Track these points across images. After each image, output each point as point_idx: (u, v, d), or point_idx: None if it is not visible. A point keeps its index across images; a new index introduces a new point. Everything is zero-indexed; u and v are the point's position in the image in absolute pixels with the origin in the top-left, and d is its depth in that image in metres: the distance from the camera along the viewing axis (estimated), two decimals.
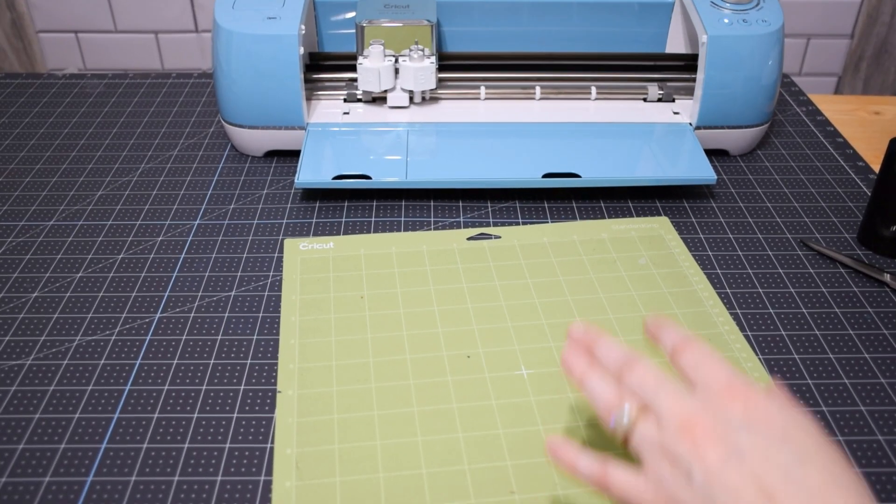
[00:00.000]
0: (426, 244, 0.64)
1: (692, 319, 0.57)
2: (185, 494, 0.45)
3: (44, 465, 0.47)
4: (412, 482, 0.46)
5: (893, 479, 0.47)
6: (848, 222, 0.69)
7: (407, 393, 0.51)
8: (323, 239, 0.65)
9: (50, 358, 0.54)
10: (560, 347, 0.54)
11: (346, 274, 0.61)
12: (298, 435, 0.48)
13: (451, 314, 0.58)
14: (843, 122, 0.87)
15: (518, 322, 0.57)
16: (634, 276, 0.61)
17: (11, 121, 0.83)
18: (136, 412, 0.50)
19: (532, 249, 0.64)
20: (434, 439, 0.48)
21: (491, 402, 0.51)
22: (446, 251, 0.64)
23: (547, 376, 0.52)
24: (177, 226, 0.68)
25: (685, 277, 0.61)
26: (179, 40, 1.06)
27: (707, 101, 0.74)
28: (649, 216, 0.69)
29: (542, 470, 0.46)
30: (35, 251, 0.64)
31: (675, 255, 0.63)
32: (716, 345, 0.55)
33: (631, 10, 0.82)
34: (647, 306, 0.58)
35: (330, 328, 0.56)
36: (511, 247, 0.64)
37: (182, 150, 0.79)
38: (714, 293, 0.60)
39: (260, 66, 0.71)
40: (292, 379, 0.52)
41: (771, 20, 0.74)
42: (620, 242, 0.65)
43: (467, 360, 0.54)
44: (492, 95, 0.80)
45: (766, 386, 0.37)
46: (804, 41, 1.07)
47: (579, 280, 0.61)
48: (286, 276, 0.61)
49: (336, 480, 0.46)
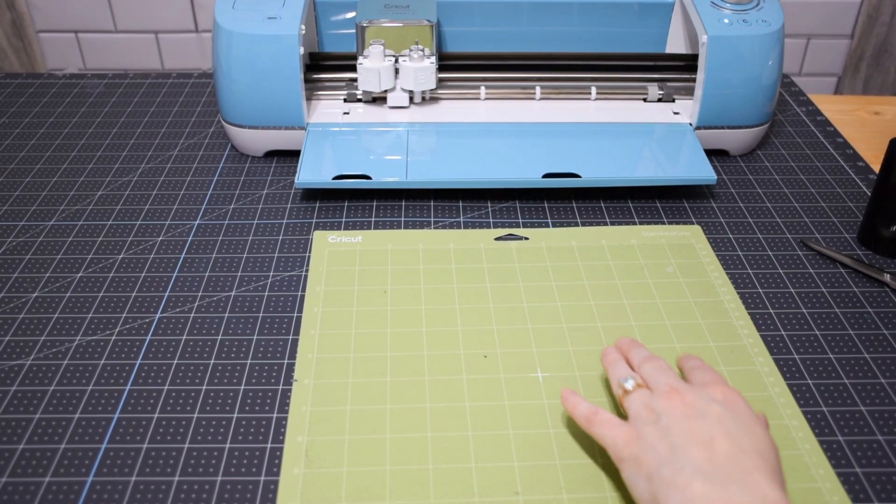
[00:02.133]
0: (454, 242, 0.65)
1: (715, 331, 0.56)
2: (185, 494, 0.45)
3: (44, 466, 0.47)
4: (418, 476, 0.46)
5: (893, 479, 0.47)
6: (848, 222, 0.69)
7: (421, 389, 0.51)
8: (352, 233, 0.66)
9: (50, 358, 0.54)
10: (578, 352, 0.55)
11: (372, 268, 0.62)
12: (311, 424, 0.49)
13: (472, 313, 0.58)
14: (843, 122, 0.87)
15: (538, 324, 0.57)
16: (660, 283, 0.61)
17: (11, 121, 0.83)
18: (136, 412, 0.50)
19: (559, 252, 0.64)
20: (443, 436, 0.48)
21: (503, 403, 0.51)
22: (473, 250, 0.64)
23: (562, 380, 0.52)
24: (177, 226, 0.68)
25: (713, 288, 0.60)
26: (179, 40, 1.06)
27: (707, 101, 0.74)
28: (675, 223, 0.68)
29: (549, 473, 0.46)
30: (35, 251, 0.64)
31: (705, 265, 0.63)
32: (738, 358, 0.54)
33: (631, 10, 0.82)
34: (670, 315, 0.58)
35: (351, 321, 0.57)
36: (538, 249, 0.64)
37: (182, 150, 0.79)
38: (741, 305, 0.59)
39: (260, 66, 0.71)
40: (310, 368, 0.53)
41: (771, 20, 0.74)
42: (649, 249, 0.64)
43: (484, 359, 0.54)
44: (492, 95, 0.80)
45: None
46: (804, 41, 1.07)
47: (604, 285, 0.61)
48: (312, 268, 0.62)
49: (343, 470, 0.46)
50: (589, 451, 0.47)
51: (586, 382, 0.52)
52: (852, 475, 0.47)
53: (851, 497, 0.45)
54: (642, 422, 0.43)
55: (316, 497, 0.45)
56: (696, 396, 0.43)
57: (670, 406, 0.43)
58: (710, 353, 0.55)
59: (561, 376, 0.53)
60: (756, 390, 0.52)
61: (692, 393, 0.43)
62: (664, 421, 0.42)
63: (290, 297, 0.60)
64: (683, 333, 0.56)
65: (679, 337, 0.56)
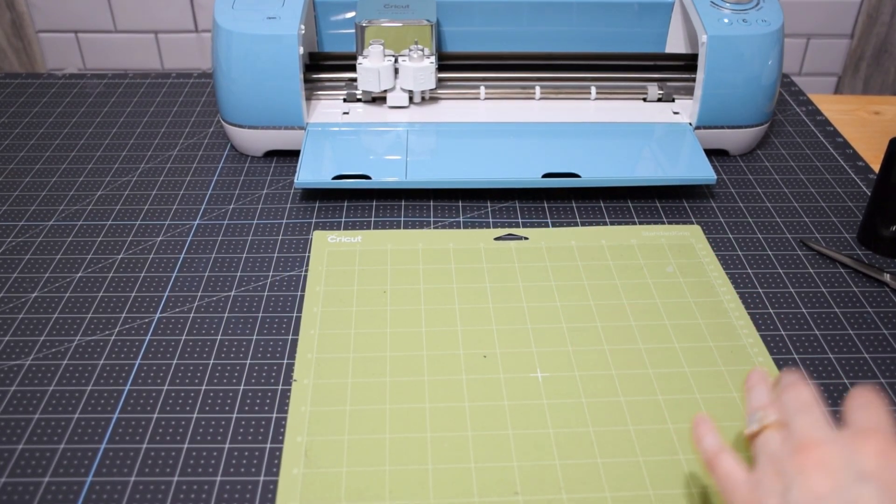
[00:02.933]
0: (453, 242, 0.65)
1: (716, 331, 0.56)
2: (185, 495, 0.45)
3: (43, 466, 0.47)
4: (417, 477, 0.46)
5: None
6: (848, 222, 0.69)
7: (420, 389, 0.51)
8: (351, 233, 0.66)
9: (50, 358, 0.54)
10: (578, 352, 0.54)
11: (372, 268, 0.62)
12: (310, 424, 0.49)
13: (472, 313, 0.58)
14: (843, 122, 0.87)
15: (538, 325, 0.57)
16: (660, 283, 0.61)
17: (11, 121, 0.83)
18: (136, 412, 0.50)
19: (559, 252, 0.64)
20: (443, 436, 0.48)
21: (503, 403, 0.51)
22: (473, 250, 0.64)
23: (561, 380, 0.52)
24: (177, 226, 0.68)
25: (712, 288, 0.60)
26: (179, 40, 1.06)
27: (707, 101, 0.74)
28: (675, 223, 0.68)
29: (548, 473, 0.46)
30: (35, 251, 0.64)
31: (704, 265, 0.63)
32: (738, 358, 0.54)
33: (631, 10, 0.82)
34: (670, 315, 0.58)
35: (350, 321, 0.57)
36: (538, 249, 0.64)
37: (182, 150, 0.79)
38: (741, 305, 0.59)
39: (260, 66, 0.71)
40: (309, 368, 0.53)
41: (771, 20, 0.74)
42: (649, 249, 0.64)
43: (483, 359, 0.54)
44: (492, 95, 0.80)
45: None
46: (804, 41, 1.07)
47: (604, 285, 0.61)
48: (312, 267, 0.62)
49: (343, 470, 0.46)
50: (588, 451, 0.47)
51: (585, 383, 0.52)
52: None
53: None
54: (766, 489, 0.35)
55: (315, 497, 0.45)
56: (840, 464, 0.34)
57: (802, 472, 0.34)
58: (710, 353, 0.55)
59: (560, 376, 0.53)
60: None
61: (836, 455, 0.34)
62: (794, 497, 0.34)
63: (290, 297, 0.60)
64: (683, 333, 0.56)
65: (679, 337, 0.56)
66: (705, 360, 0.54)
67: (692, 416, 0.49)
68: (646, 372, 0.53)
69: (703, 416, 0.42)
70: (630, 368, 0.53)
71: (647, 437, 0.48)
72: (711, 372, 0.53)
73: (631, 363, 0.54)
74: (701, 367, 0.53)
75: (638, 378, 0.52)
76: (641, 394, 0.51)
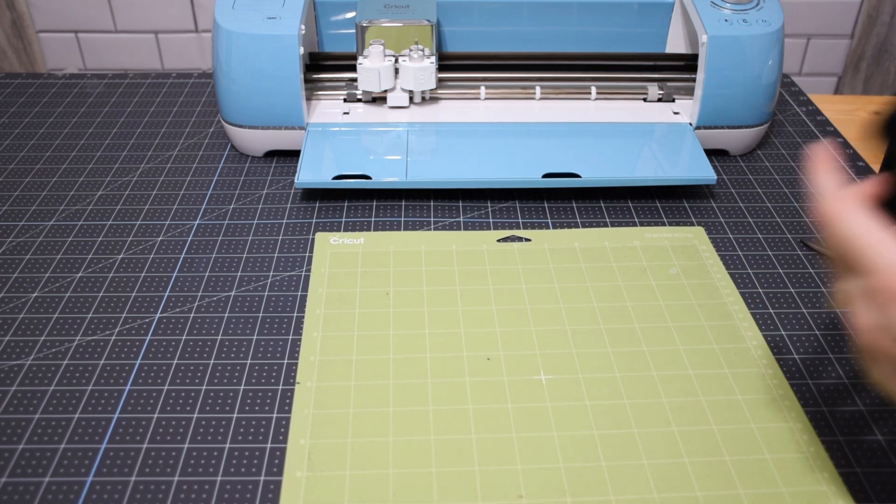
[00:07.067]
0: (456, 244, 0.65)
1: (719, 332, 0.56)
2: (185, 495, 0.45)
3: (44, 466, 0.47)
4: (421, 480, 0.46)
5: (893, 479, 0.47)
6: None
7: (424, 391, 0.51)
8: (354, 234, 0.65)
9: (50, 358, 0.54)
10: (581, 354, 0.54)
11: (374, 270, 0.62)
12: (313, 427, 0.49)
13: (475, 315, 0.58)
14: (843, 122, 0.87)
15: (541, 326, 0.57)
16: (664, 285, 0.61)
17: (11, 121, 0.83)
18: (136, 412, 0.50)
19: (562, 254, 0.64)
20: (446, 439, 0.48)
21: (507, 406, 0.50)
22: (475, 252, 0.64)
23: (565, 383, 0.52)
24: (177, 226, 0.68)
25: (716, 290, 0.60)
26: (179, 40, 1.06)
27: (707, 101, 0.74)
28: (675, 223, 0.68)
29: (552, 476, 0.46)
30: (35, 251, 0.64)
31: (708, 267, 0.63)
32: (742, 361, 0.54)
33: (631, 10, 0.82)
34: (673, 317, 0.58)
35: (353, 323, 0.57)
36: (541, 250, 0.64)
37: (182, 150, 0.79)
38: (745, 307, 0.59)
39: (260, 66, 0.71)
40: (312, 371, 0.53)
41: (771, 20, 0.74)
42: (652, 251, 0.64)
43: (487, 361, 0.54)
44: (492, 95, 0.80)
45: None
46: (804, 41, 1.07)
47: (607, 287, 0.60)
48: (314, 270, 0.62)
49: (346, 474, 0.46)
50: (592, 455, 0.47)
51: (589, 385, 0.52)
52: (852, 475, 0.47)
53: (852, 497, 0.45)
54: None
55: (319, 500, 0.45)
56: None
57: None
58: (714, 355, 0.55)
59: (564, 379, 0.52)
60: (759, 393, 0.52)
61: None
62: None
63: (290, 297, 0.60)
64: (687, 336, 0.56)
65: (682, 339, 0.56)
66: (709, 363, 0.54)
67: (696, 419, 0.49)
68: (650, 374, 0.53)
69: (823, 146, 0.37)
70: (634, 371, 0.53)
71: (652, 441, 0.48)
72: (715, 374, 0.53)
73: (635, 366, 0.54)
74: (705, 369, 0.53)
75: (642, 381, 0.52)
76: (645, 397, 0.51)
